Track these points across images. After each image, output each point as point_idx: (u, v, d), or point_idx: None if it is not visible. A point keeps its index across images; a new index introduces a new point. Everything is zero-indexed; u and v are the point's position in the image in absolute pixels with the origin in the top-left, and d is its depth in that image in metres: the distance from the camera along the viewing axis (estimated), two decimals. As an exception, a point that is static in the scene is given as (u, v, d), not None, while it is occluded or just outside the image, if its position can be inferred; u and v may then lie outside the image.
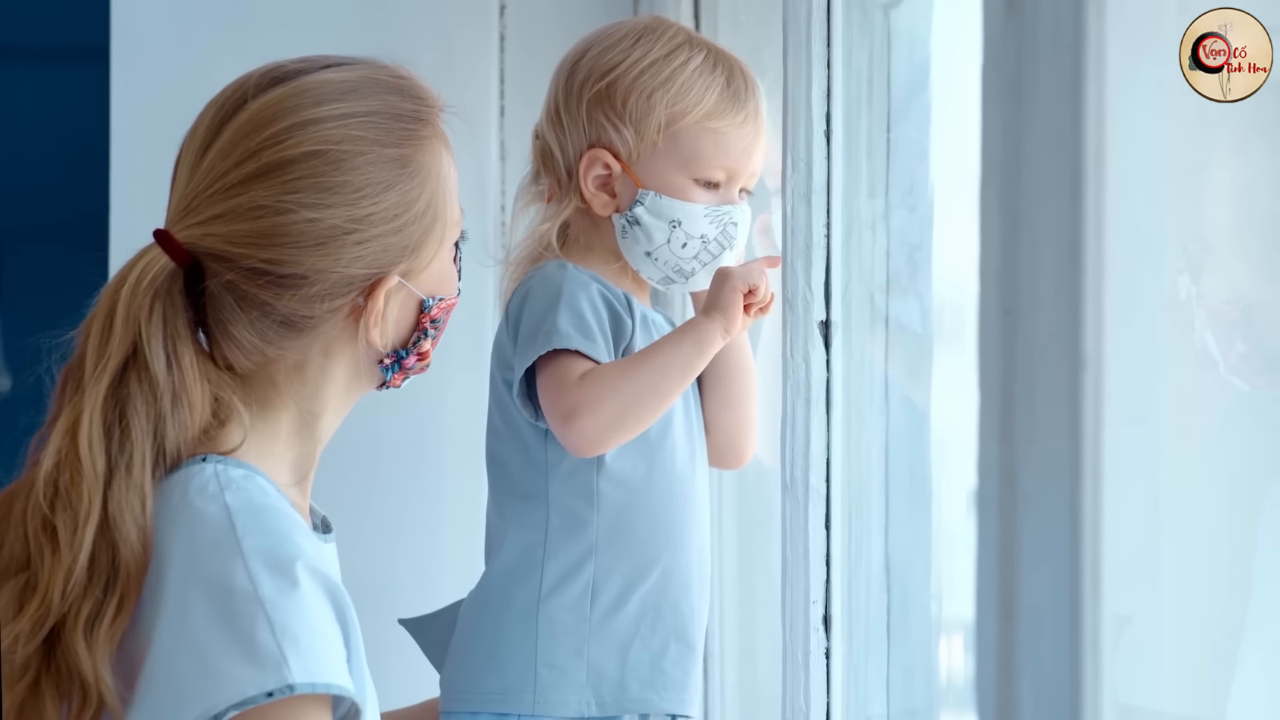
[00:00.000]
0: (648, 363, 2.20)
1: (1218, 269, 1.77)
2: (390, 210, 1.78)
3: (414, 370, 1.85)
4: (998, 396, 1.45)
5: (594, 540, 2.25)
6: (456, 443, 3.01)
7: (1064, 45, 1.39)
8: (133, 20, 3.00)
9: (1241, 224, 1.76)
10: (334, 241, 1.76)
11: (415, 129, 1.81)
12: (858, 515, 2.27)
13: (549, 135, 2.31)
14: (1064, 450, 1.40)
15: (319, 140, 1.76)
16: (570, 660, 2.24)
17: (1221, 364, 1.77)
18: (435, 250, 1.83)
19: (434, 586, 2.79)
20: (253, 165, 1.75)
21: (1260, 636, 1.76)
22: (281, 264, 1.75)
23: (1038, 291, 1.42)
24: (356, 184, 1.77)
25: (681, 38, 2.31)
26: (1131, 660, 1.45)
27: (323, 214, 1.75)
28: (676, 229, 2.27)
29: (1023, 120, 1.43)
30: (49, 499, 1.69)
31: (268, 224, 1.75)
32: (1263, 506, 1.79)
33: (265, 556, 1.69)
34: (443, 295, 1.84)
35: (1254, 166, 1.73)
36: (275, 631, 1.65)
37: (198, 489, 1.73)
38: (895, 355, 2.27)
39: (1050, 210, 1.41)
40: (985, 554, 1.46)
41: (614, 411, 2.18)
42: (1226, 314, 1.77)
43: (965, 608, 1.84)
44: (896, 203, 2.26)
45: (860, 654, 2.26)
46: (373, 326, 1.79)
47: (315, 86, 1.79)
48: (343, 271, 1.76)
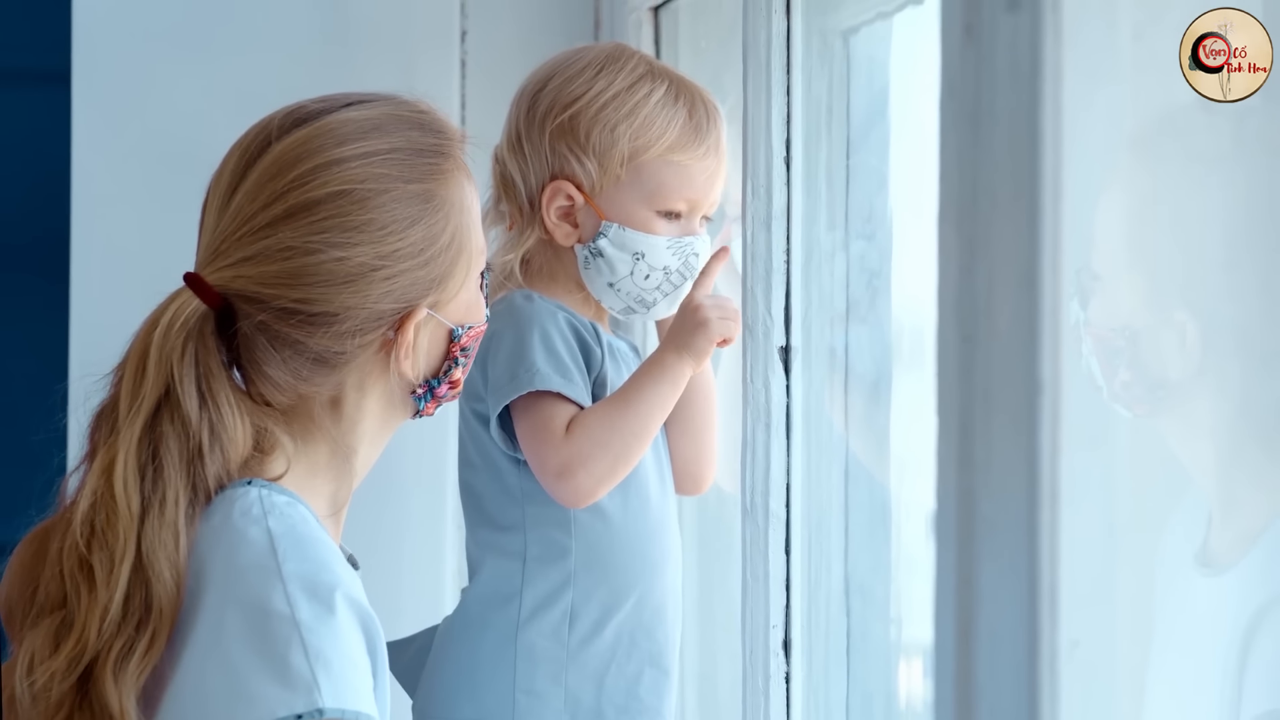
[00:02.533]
0: (630, 409, 2.21)
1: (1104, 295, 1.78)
2: (417, 245, 1.80)
3: (446, 398, 1.88)
4: (956, 422, 1.46)
5: (572, 568, 2.26)
6: (416, 470, 3.01)
7: (1021, 73, 1.40)
8: (94, 43, 3.00)
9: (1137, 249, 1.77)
10: (363, 279, 1.78)
11: (437, 163, 1.83)
12: (817, 540, 2.27)
13: (510, 163, 2.32)
14: (1022, 476, 1.41)
15: (343, 180, 1.78)
16: (548, 687, 2.24)
17: (1105, 390, 1.78)
18: (462, 280, 1.85)
19: (399, 614, 2.79)
20: (280, 207, 1.78)
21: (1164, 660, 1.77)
22: (312, 303, 1.77)
23: (995, 318, 1.43)
24: (382, 221, 1.79)
25: (644, 68, 2.31)
26: (1086, 685, 1.45)
27: (350, 252, 1.78)
28: (640, 261, 2.28)
29: (980, 147, 1.44)
30: (86, 539, 1.71)
31: (297, 264, 1.77)
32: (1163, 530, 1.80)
33: (305, 582, 1.71)
34: (471, 323, 1.87)
35: (1189, 191, 1.74)
36: (309, 655, 1.67)
37: (241, 511, 1.75)
38: (855, 381, 2.28)
39: (1008, 237, 1.42)
40: (943, 579, 1.47)
41: (606, 466, 2.20)
42: (1111, 340, 1.79)
43: (925, 632, 1.85)
44: (856, 230, 2.27)
45: (820, 678, 2.26)
46: (404, 359, 1.82)
47: (337, 126, 1.81)
48: (372, 307, 1.79)
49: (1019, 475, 1.41)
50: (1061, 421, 1.40)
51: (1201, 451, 1.76)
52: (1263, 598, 1.68)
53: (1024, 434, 1.40)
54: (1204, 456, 1.76)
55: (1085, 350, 1.77)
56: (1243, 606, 1.69)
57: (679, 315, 2.25)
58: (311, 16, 3.03)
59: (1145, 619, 1.78)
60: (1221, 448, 1.73)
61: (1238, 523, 1.73)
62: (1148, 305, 1.74)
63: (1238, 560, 1.71)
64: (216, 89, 2.84)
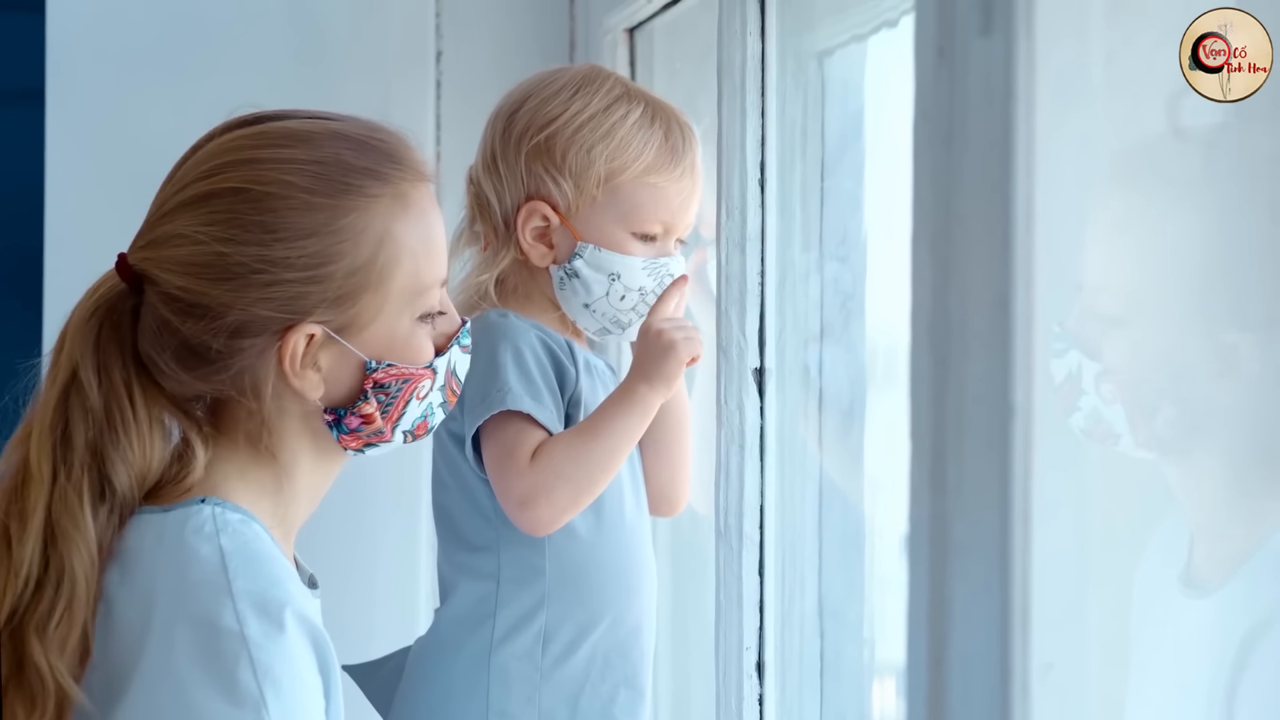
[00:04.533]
0: (597, 440, 2.20)
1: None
2: (309, 259, 1.78)
3: (367, 436, 1.84)
4: (929, 444, 1.46)
5: (546, 589, 2.25)
6: (390, 491, 3.00)
7: (994, 96, 1.41)
8: (68, 62, 3.00)
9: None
10: (240, 279, 1.77)
11: (362, 185, 1.80)
12: (791, 562, 2.27)
13: (485, 183, 2.31)
14: (994, 498, 1.41)
15: (246, 179, 1.78)
16: (521, 708, 2.23)
17: (1130, 438, 1.77)
18: (376, 312, 1.81)
19: (372, 634, 2.79)
20: (185, 195, 1.80)
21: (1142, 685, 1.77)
22: (189, 292, 1.78)
23: (968, 340, 1.43)
24: (272, 225, 1.78)
25: (619, 90, 2.31)
26: (1060, 708, 1.45)
27: (232, 250, 1.77)
28: (615, 282, 2.27)
29: (954, 170, 1.44)
30: (4, 506, 1.76)
31: (184, 252, 1.78)
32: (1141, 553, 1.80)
33: (254, 599, 1.71)
34: (393, 361, 1.83)
35: (1165, 220, 1.74)
36: (257, 673, 1.68)
37: (194, 529, 1.76)
38: (829, 403, 2.28)
39: (981, 260, 1.42)
40: (916, 600, 1.47)
41: (569, 497, 2.19)
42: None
43: (898, 653, 1.85)
44: (830, 251, 2.27)
45: (793, 700, 2.26)
46: (292, 375, 1.79)
47: (273, 131, 1.82)
48: (250, 310, 1.78)
49: (991, 497, 1.41)
50: (1034, 443, 1.40)
51: (1184, 472, 1.75)
52: (1253, 621, 1.68)
53: (996, 456, 1.40)
54: (1186, 477, 1.75)
55: (1103, 400, 1.74)
56: (1231, 629, 1.68)
57: (642, 343, 2.24)
58: (287, 37, 3.03)
59: (1122, 642, 1.78)
60: (1203, 468, 1.73)
61: (1223, 544, 1.72)
62: (1185, 333, 1.70)
63: (1224, 582, 1.71)
64: (190, 108, 2.82)
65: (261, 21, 3.03)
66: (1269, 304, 1.63)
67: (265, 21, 3.03)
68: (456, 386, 1.90)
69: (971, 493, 1.43)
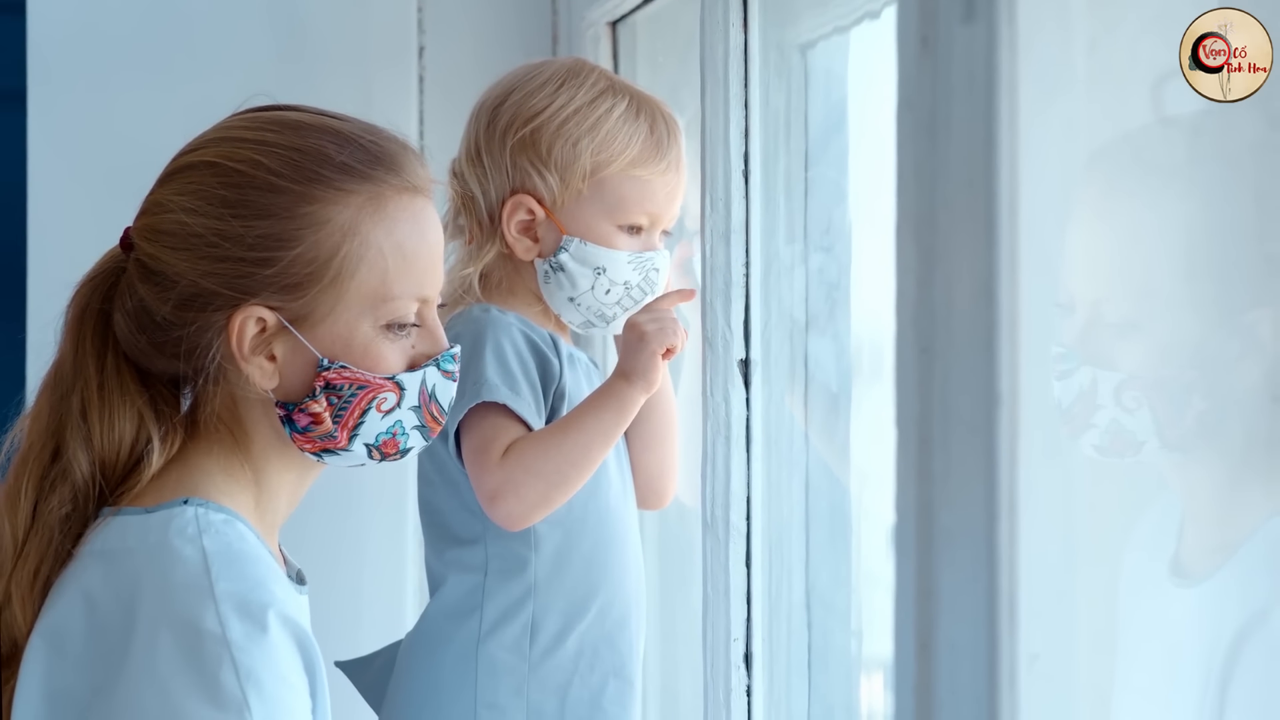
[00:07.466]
0: (569, 437, 2.19)
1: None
2: (262, 240, 1.78)
3: (319, 439, 1.81)
4: (915, 434, 1.46)
5: (533, 580, 2.25)
6: (376, 488, 3.00)
7: (977, 84, 1.41)
8: (50, 63, 2.99)
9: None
10: (194, 250, 1.79)
11: (335, 179, 1.80)
12: (778, 553, 2.27)
13: (469, 177, 2.31)
14: (980, 487, 1.41)
15: (222, 155, 1.81)
16: (510, 700, 2.23)
17: (1158, 441, 1.75)
18: (332, 309, 1.79)
19: (361, 630, 2.79)
20: (171, 166, 1.84)
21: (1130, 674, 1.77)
22: (152, 259, 1.80)
23: (953, 330, 1.43)
24: (232, 201, 1.79)
25: (604, 83, 2.31)
26: (1047, 698, 1.45)
27: (193, 220, 1.79)
28: (601, 275, 2.27)
29: (937, 159, 1.44)
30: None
31: (155, 219, 1.81)
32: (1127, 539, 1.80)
33: (237, 601, 1.71)
34: (347, 363, 1.80)
35: (1145, 206, 1.73)
36: (240, 675, 1.68)
37: (177, 530, 1.75)
38: (815, 394, 2.27)
39: (965, 249, 1.42)
40: (903, 591, 1.47)
41: (539, 494, 2.19)
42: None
43: (886, 645, 1.84)
44: (815, 242, 2.27)
45: (781, 691, 2.26)
46: (240, 358, 1.79)
47: (268, 117, 1.84)
48: (197, 281, 1.78)
49: (978, 487, 1.41)
50: (1020, 433, 1.40)
51: (1180, 459, 1.75)
52: (1246, 611, 1.67)
53: (982, 445, 1.40)
54: (1181, 465, 1.75)
55: (1124, 409, 1.72)
56: (1223, 619, 1.68)
57: (622, 340, 2.24)
58: (268, 34, 3.03)
59: (1109, 632, 1.77)
60: (1199, 455, 1.72)
61: (1215, 531, 1.72)
62: (1209, 324, 1.69)
63: (1214, 571, 1.70)
64: (172, 108, 2.83)
65: (243, 20, 3.03)
66: (1255, 289, 1.62)
67: (246, 20, 3.03)
68: (438, 413, 1.86)
69: (958, 482, 1.42)
